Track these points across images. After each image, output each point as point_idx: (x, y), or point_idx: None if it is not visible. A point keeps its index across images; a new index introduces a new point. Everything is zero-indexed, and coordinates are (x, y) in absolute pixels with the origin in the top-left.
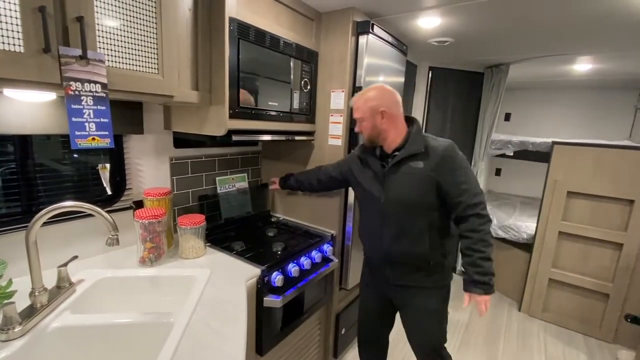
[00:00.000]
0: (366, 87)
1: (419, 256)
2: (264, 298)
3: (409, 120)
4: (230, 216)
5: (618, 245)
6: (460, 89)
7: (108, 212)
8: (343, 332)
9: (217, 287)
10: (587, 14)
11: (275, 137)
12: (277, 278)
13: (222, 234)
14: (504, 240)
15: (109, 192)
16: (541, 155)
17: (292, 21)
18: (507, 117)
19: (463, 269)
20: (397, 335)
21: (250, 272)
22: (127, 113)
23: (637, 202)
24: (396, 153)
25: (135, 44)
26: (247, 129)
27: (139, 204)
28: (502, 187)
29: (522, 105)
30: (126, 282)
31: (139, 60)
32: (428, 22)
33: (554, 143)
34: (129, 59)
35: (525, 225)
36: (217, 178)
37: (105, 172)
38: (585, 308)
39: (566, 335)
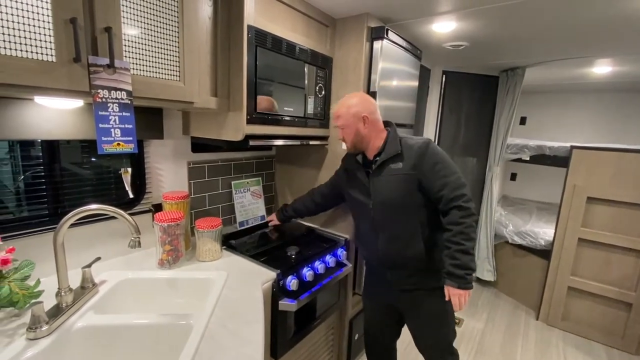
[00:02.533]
0: (380, 91)
1: (416, 256)
2: (279, 302)
3: (387, 125)
4: (245, 220)
5: None
6: (474, 92)
7: (129, 214)
8: (356, 337)
9: (234, 290)
10: (607, 17)
11: (290, 142)
12: (292, 282)
13: (236, 238)
14: (520, 246)
15: (131, 196)
16: (559, 160)
17: (307, 28)
18: (523, 120)
19: (443, 261)
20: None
21: (265, 275)
22: (148, 119)
23: None
24: (377, 158)
25: (158, 53)
26: (264, 134)
27: (158, 207)
28: (518, 192)
29: (538, 109)
30: (146, 284)
31: (162, 68)
32: (443, 27)
33: (573, 147)
34: (153, 67)
35: (542, 231)
36: (232, 182)
37: (127, 176)
38: (607, 318)
39: (587, 345)
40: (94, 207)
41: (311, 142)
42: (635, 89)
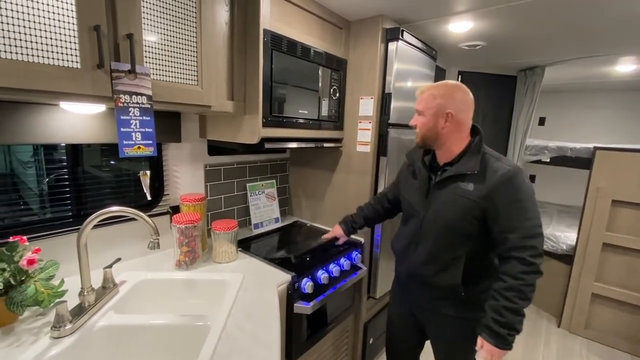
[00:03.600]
0: (395, 92)
1: (450, 282)
2: (294, 304)
3: (474, 131)
4: (260, 222)
5: None
6: (491, 93)
7: (148, 216)
8: (371, 341)
9: (249, 292)
10: (629, 14)
11: (305, 145)
12: (307, 284)
13: (251, 240)
14: None
15: (149, 198)
16: (581, 162)
17: (322, 30)
18: (542, 121)
19: (485, 309)
20: None
21: (280, 277)
22: (166, 123)
23: None
24: (447, 167)
25: (177, 58)
26: (279, 136)
27: (175, 209)
28: (537, 194)
29: (557, 109)
30: (164, 285)
31: (181, 73)
32: (459, 27)
33: (596, 148)
34: (172, 71)
35: (564, 235)
36: (247, 184)
37: (146, 178)
38: (633, 325)
39: (611, 354)
40: (115, 209)
41: (325, 145)
42: None
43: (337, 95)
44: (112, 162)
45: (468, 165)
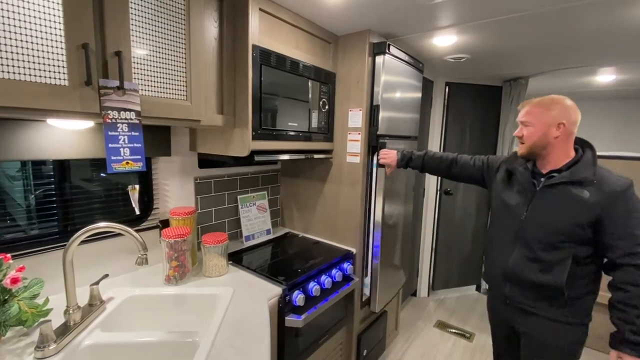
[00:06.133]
0: (383, 104)
1: (551, 284)
2: (286, 317)
3: (582, 145)
4: (251, 234)
5: None
6: (478, 103)
7: (136, 231)
8: (365, 353)
9: (240, 306)
10: (604, 27)
11: (295, 157)
12: (298, 297)
13: (243, 252)
14: None
15: (138, 212)
16: None
17: (310, 45)
18: None
19: (613, 323)
20: None
21: (271, 291)
22: (156, 137)
23: None
24: (554, 174)
25: (166, 74)
26: (269, 149)
27: (165, 223)
28: None
29: None
30: (152, 301)
31: (170, 89)
32: (444, 41)
33: None
34: (160, 87)
35: None
36: (238, 196)
37: (134, 193)
38: None
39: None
40: (102, 225)
41: (315, 156)
42: (638, 96)
43: (327, 107)
44: (101, 177)
45: (583, 174)
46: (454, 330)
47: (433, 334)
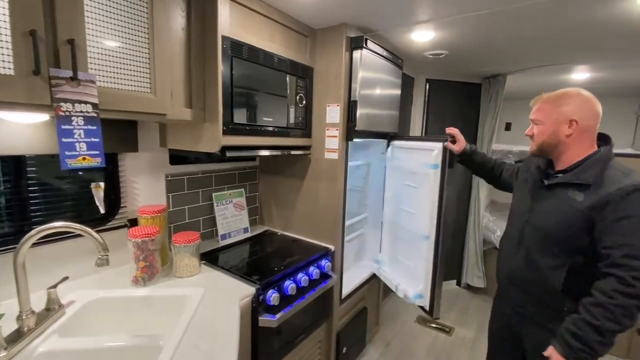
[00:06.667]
0: (361, 100)
1: (546, 291)
2: (259, 317)
3: (602, 141)
4: (227, 232)
5: None
6: (458, 100)
7: (102, 230)
8: (344, 350)
9: (209, 307)
10: (580, 24)
11: (271, 152)
12: (272, 296)
13: (218, 252)
14: None
15: (102, 211)
16: None
17: (286, 38)
18: (508, 126)
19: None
20: None
21: (244, 290)
22: (121, 131)
23: None
24: (559, 174)
25: (127, 64)
26: (242, 144)
27: (133, 222)
28: (505, 197)
29: (523, 115)
30: (118, 303)
31: (132, 80)
32: (421, 36)
33: None
34: (121, 78)
35: None
36: (213, 194)
37: (99, 191)
38: None
39: None
40: (57, 225)
41: (293, 152)
42: (615, 94)
43: (304, 102)
44: (64, 174)
45: (583, 175)
46: (434, 325)
47: (414, 329)
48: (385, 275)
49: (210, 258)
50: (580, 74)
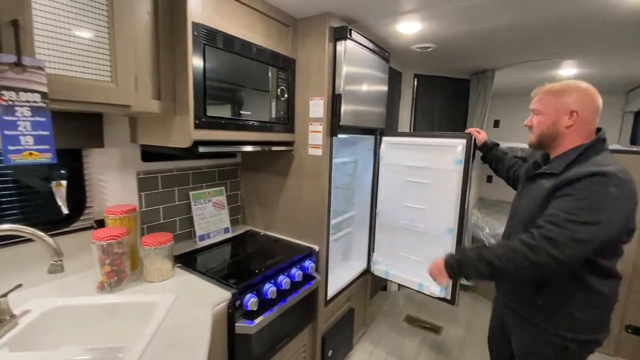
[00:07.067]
0: (346, 93)
1: (523, 285)
2: (236, 324)
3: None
4: (206, 233)
5: None
6: (447, 96)
7: (66, 233)
8: (330, 354)
9: (180, 315)
10: (567, 17)
11: (251, 148)
12: (250, 301)
13: (195, 253)
14: None
15: (65, 212)
16: None
17: (265, 27)
18: (497, 123)
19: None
20: None
21: (220, 295)
22: (85, 125)
23: None
24: (544, 165)
25: (83, 49)
26: (217, 139)
27: (101, 223)
28: (494, 194)
29: (511, 112)
30: (78, 312)
31: (89, 67)
32: (408, 28)
33: None
34: (76, 65)
35: None
36: (190, 193)
37: (60, 189)
38: None
39: None
40: (5, 228)
41: (274, 148)
42: (601, 90)
43: (286, 95)
44: (21, 171)
45: (556, 166)
46: (423, 325)
47: (402, 329)
48: (399, 277)
49: (186, 260)
50: (568, 70)
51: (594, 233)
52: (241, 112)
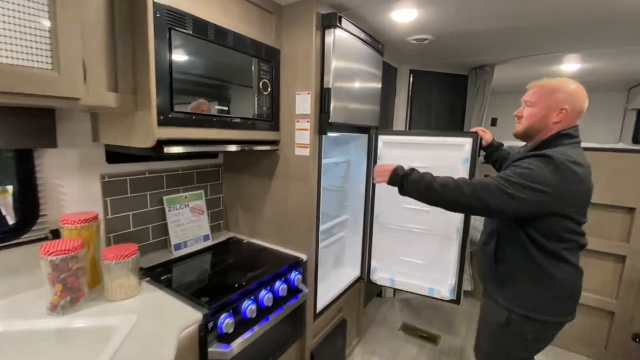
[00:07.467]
0: (335, 87)
1: (488, 256)
2: (209, 349)
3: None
4: (182, 241)
5: (620, 258)
6: (444, 92)
7: (15, 245)
8: None
9: (140, 341)
10: (572, 8)
11: (227, 148)
12: (225, 322)
13: (168, 265)
14: None
15: (11, 222)
16: None
17: (244, 13)
18: (494, 122)
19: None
20: None
21: (190, 316)
22: (33, 122)
23: (638, 209)
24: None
25: (14, 30)
26: (188, 138)
27: (57, 234)
28: None
29: (509, 110)
30: (23, 338)
31: (22, 52)
32: (403, 15)
33: None
34: (5, 49)
35: None
36: (164, 197)
37: (5, 196)
38: (588, 328)
39: (566, 357)
40: None
41: (256, 148)
42: (603, 87)
43: (269, 89)
44: None
45: (520, 154)
46: (419, 334)
47: (398, 339)
48: (407, 284)
49: (156, 274)
50: (571, 65)
51: (519, 192)
52: (217, 107)
